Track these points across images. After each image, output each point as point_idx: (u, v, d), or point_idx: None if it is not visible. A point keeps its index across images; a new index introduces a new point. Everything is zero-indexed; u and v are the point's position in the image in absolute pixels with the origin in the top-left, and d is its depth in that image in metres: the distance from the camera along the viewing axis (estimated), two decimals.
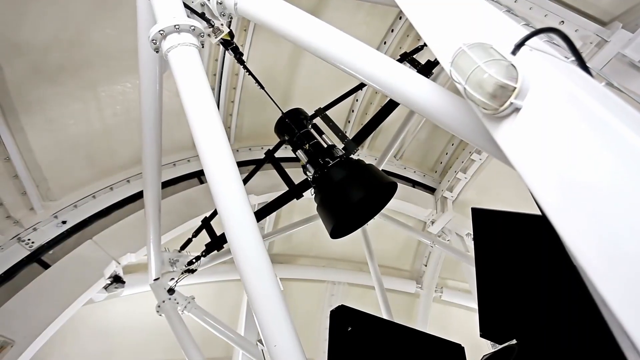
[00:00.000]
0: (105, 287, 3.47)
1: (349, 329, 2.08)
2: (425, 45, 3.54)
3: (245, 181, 3.20)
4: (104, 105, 3.50)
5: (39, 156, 3.24)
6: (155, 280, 3.29)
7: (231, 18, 2.04)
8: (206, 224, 3.24)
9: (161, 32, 1.65)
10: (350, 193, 2.31)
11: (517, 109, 0.84)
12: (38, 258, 3.25)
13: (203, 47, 1.78)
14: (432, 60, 3.42)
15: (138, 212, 3.67)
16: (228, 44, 2.36)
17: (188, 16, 1.85)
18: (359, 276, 5.59)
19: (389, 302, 4.45)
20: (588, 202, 0.59)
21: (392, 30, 4.43)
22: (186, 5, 1.88)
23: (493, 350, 1.95)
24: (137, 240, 3.49)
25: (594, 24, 3.46)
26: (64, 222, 3.46)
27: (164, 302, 3.22)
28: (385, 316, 4.32)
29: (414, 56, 3.32)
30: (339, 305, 2.20)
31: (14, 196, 3.18)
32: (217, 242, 3.14)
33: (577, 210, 0.60)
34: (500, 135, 0.90)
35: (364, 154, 5.60)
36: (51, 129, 3.25)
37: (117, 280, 3.56)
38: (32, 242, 3.25)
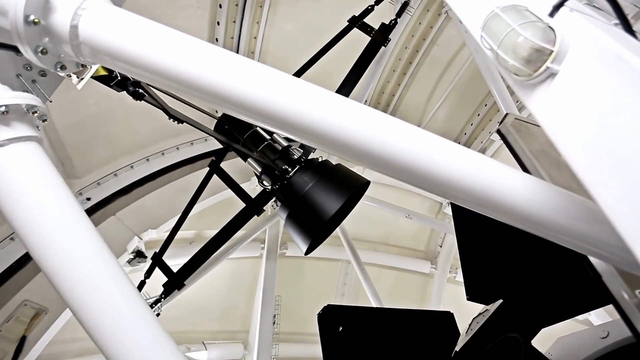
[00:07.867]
0: (129, 262, 3.61)
1: (340, 329, 2.05)
2: (376, 4, 3.00)
3: (198, 194, 2.86)
4: None
5: (63, 135, 3.33)
6: None
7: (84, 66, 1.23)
8: (157, 261, 2.73)
9: None
10: (323, 207, 2.02)
11: (552, 74, 0.80)
12: None
13: (46, 121, 1.09)
14: (387, 22, 2.94)
15: (158, 190, 3.77)
16: (109, 79, 1.70)
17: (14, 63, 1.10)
18: (374, 256, 5.63)
19: (384, 288, 4.65)
20: (633, 165, 0.56)
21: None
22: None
23: (481, 311, 2.00)
24: (157, 217, 3.59)
25: None
26: (88, 199, 3.59)
27: None
28: (373, 302, 4.40)
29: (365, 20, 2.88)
30: (325, 306, 2.14)
31: None
32: (177, 280, 2.66)
33: (619, 173, 0.58)
34: (533, 102, 0.86)
35: None
36: (74, 108, 3.32)
37: (139, 255, 3.70)
38: None
